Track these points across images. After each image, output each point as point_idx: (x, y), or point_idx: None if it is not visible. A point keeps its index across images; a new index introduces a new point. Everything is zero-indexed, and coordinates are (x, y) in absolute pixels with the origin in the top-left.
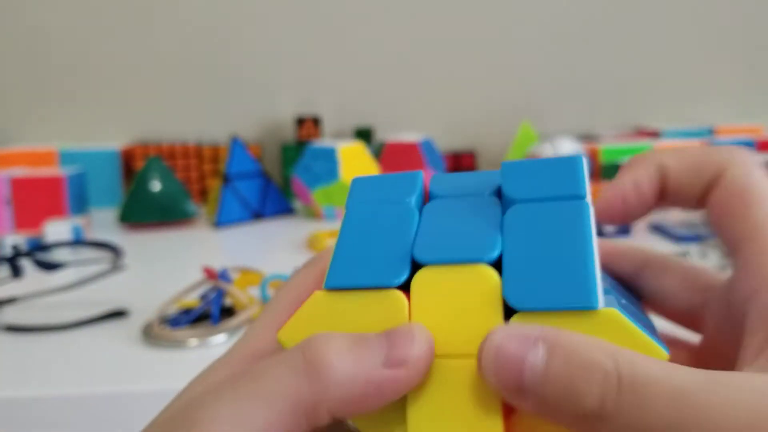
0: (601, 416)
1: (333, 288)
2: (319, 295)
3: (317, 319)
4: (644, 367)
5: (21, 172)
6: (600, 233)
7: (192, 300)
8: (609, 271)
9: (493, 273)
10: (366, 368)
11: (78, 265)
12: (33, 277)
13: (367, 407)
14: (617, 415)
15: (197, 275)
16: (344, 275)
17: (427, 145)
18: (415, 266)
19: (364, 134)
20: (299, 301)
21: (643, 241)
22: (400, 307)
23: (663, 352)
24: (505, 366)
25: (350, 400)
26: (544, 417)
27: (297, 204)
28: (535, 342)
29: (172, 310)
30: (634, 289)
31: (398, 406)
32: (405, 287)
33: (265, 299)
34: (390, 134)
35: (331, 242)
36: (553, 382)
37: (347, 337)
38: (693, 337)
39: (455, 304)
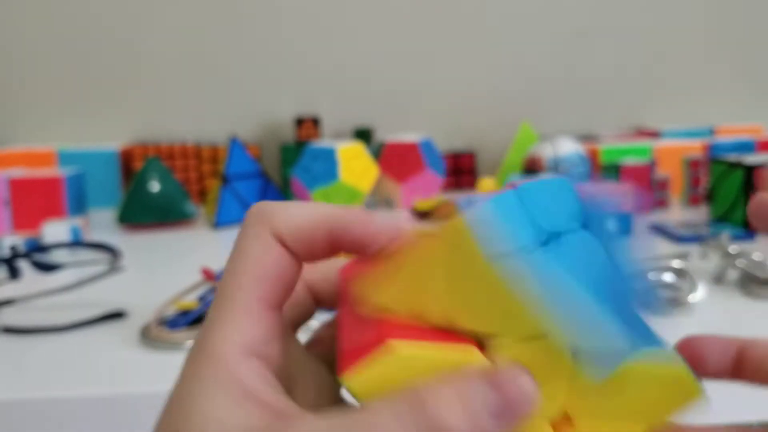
0: None
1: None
2: (397, 350)
3: (395, 372)
4: None
5: (19, 172)
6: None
7: (190, 301)
8: None
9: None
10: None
11: (76, 266)
12: (31, 279)
13: None
14: None
15: (196, 276)
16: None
17: (427, 146)
18: None
19: (363, 134)
20: (262, 275)
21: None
22: (477, 357)
23: (701, 390)
24: None
25: None
26: None
27: None
28: None
29: (171, 311)
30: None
31: None
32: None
33: None
34: (389, 134)
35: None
36: None
37: (456, 391)
38: None
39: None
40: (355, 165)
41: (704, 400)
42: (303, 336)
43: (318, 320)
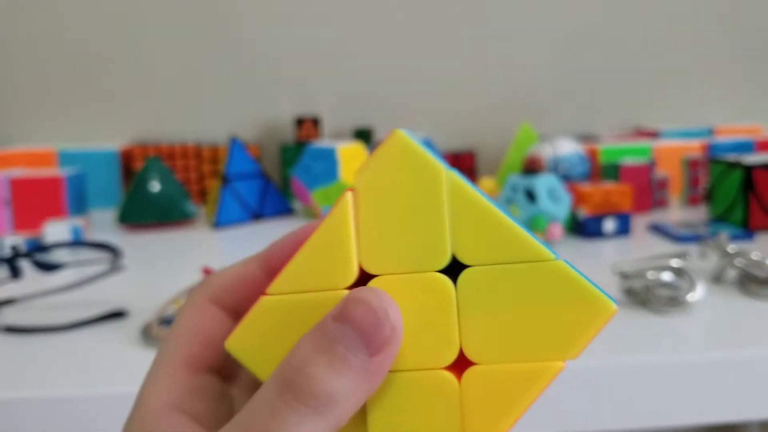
0: None
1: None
2: (268, 300)
3: (269, 326)
4: None
5: (20, 172)
6: (599, 233)
7: None
8: None
9: (446, 281)
10: (359, 374)
11: (77, 265)
12: (32, 278)
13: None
14: None
15: (196, 276)
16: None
17: (427, 146)
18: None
19: (363, 135)
20: (188, 333)
21: (643, 241)
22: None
23: (611, 304)
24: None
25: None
26: None
27: (296, 204)
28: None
29: (171, 310)
30: None
31: (359, 421)
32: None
33: None
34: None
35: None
36: None
37: (323, 351)
38: None
39: (412, 316)
40: (356, 165)
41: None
42: None
43: None
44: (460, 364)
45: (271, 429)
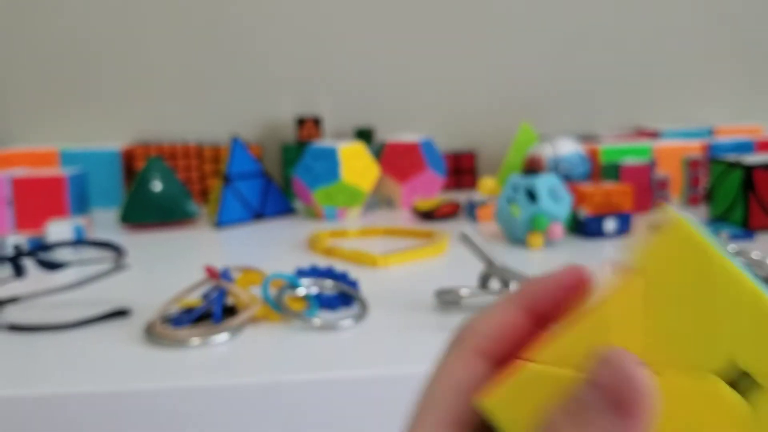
0: None
1: None
2: (531, 367)
3: (526, 390)
4: None
5: (22, 172)
6: (600, 233)
7: (194, 299)
8: None
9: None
10: None
11: (80, 264)
12: (35, 277)
13: None
14: None
15: (199, 275)
16: None
17: (428, 146)
18: None
19: (364, 134)
20: (456, 389)
21: None
22: None
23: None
24: None
25: None
26: None
27: (298, 204)
28: None
29: (174, 309)
30: None
31: None
32: None
33: (266, 298)
34: (390, 134)
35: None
36: None
37: (569, 413)
38: None
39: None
40: (356, 165)
41: None
42: None
43: None
44: None
45: None
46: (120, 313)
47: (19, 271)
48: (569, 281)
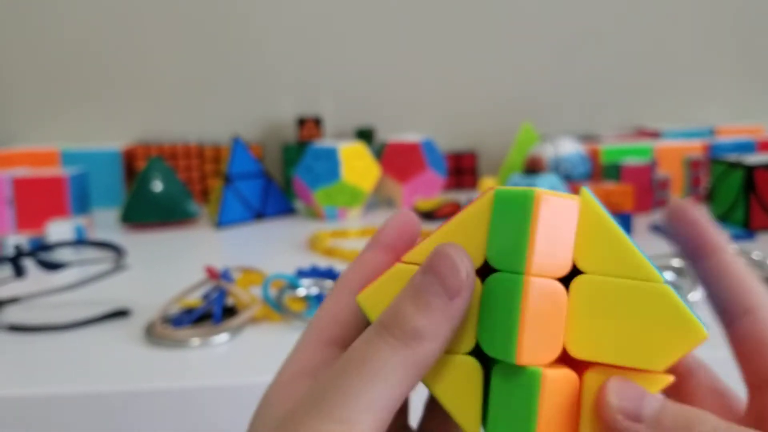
0: None
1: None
2: (400, 266)
3: (395, 288)
4: None
5: (23, 172)
6: None
7: (194, 299)
8: None
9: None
10: (441, 314)
11: (80, 264)
12: (35, 277)
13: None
14: None
15: (199, 275)
16: None
17: (428, 146)
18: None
19: (365, 134)
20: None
21: (644, 241)
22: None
23: (703, 331)
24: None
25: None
26: None
27: (298, 204)
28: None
29: (175, 309)
30: None
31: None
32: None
33: (267, 299)
34: (391, 134)
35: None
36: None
37: (411, 296)
38: None
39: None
40: (357, 165)
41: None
42: None
43: None
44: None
45: (367, 357)
46: (120, 314)
47: (19, 272)
48: (404, 218)
